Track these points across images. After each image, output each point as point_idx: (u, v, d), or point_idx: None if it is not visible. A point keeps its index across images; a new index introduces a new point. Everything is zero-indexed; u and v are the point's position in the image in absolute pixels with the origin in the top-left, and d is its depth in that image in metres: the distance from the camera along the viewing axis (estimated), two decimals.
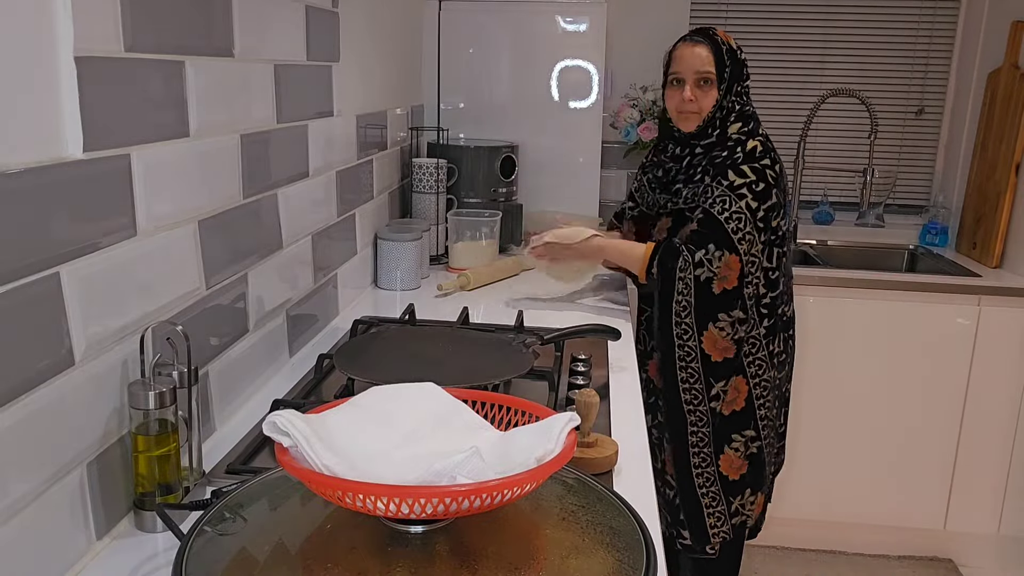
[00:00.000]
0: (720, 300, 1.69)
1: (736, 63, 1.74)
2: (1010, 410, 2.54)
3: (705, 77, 1.73)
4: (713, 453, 1.77)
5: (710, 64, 1.73)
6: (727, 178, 1.70)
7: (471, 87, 2.72)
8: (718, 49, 1.73)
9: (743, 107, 1.78)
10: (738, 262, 1.68)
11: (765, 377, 1.78)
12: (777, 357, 1.81)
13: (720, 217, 1.68)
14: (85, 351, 0.88)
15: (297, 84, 1.48)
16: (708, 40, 1.74)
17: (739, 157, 1.71)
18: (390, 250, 2.04)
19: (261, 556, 0.76)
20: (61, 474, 0.85)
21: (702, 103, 1.75)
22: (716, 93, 1.73)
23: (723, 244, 1.67)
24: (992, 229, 2.63)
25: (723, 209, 1.68)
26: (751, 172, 1.70)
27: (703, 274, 1.68)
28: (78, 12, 0.84)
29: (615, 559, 0.77)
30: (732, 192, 1.69)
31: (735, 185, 1.69)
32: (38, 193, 0.80)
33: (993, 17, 2.75)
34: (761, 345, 1.77)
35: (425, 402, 0.90)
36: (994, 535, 2.64)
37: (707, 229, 1.68)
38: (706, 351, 1.72)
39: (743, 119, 1.77)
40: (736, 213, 1.68)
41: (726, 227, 1.67)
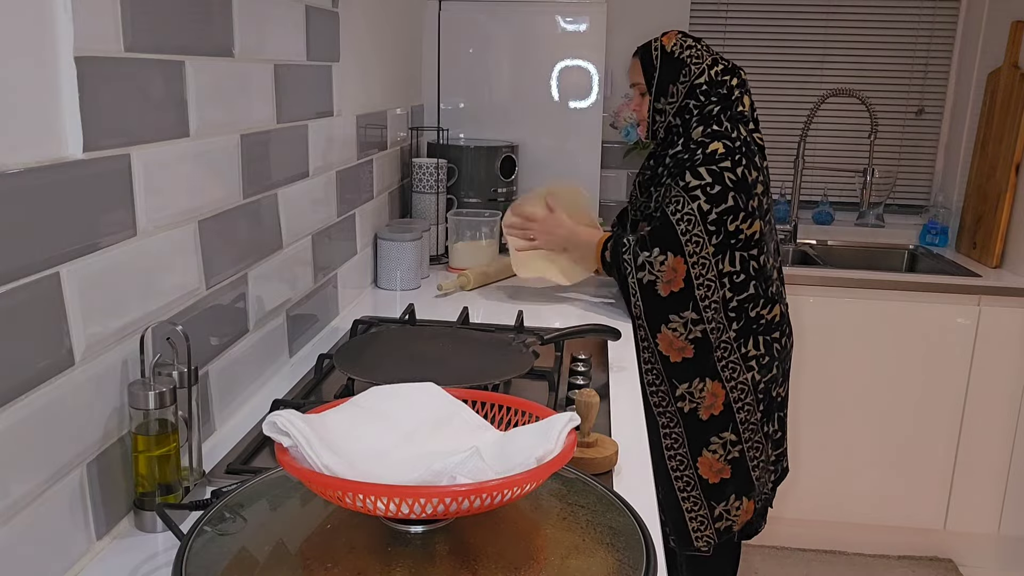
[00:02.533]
0: (669, 302, 1.72)
1: (669, 64, 1.77)
2: (1010, 410, 2.54)
3: (638, 89, 1.85)
4: (689, 455, 1.78)
5: (637, 74, 1.84)
6: (683, 179, 1.72)
7: (471, 87, 2.72)
8: (646, 55, 1.81)
9: (702, 108, 1.78)
10: (683, 263, 1.69)
11: (741, 380, 1.78)
12: (757, 360, 1.80)
13: (672, 218, 1.70)
14: (85, 351, 0.88)
15: (297, 84, 1.48)
16: (641, 50, 1.84)
17: (698, 159, 1.72)
18: (390, 250, 2.04)
19: (261, 556, 0.76)
20: (61, 474, 0.85)
21: (641, 111, 1.86)
22: (647, 99, 1.82)
23: (669, 246, 1.69)
24: (992, 229, 2.63)
25: (676, 210, 1.70)
26: (707, 174, 1.70)
27: (645, 277, 1.72)
28: (78, 12, 0.84)
29: (615, 559, 0.77)
30: (686, 193, 1.70)
31: (690, 186, 1.70)
32: (38, 193, 0.80)
33: (993, 17, 2.75)
34: (732, 348, 1.77)
35: (425, 402, 0.90)
36: (994, 535, 2.64)
37: (659, 230, 1.72)
38: (663, 352, 1.75)
39: (704, 121, 1.77)
40: (687, 215, 1.69)
41: (676, 228, 1.70)
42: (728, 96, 1.78)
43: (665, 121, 1.81)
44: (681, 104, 1.78)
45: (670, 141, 1.82)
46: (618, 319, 1.82)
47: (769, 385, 1.84)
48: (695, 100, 1.77)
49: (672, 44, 1.78)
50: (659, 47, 1.79)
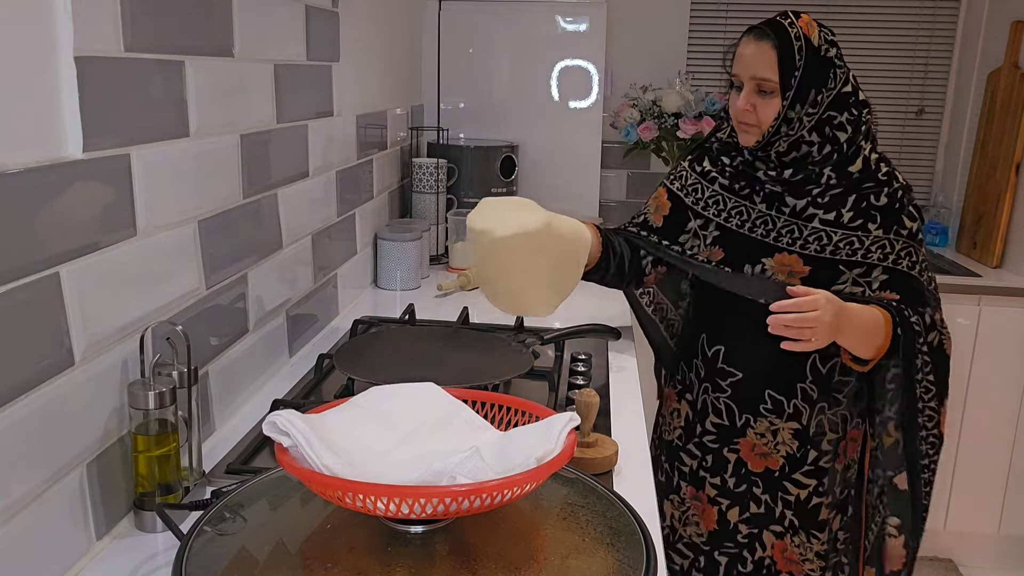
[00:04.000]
0: (949, 365, 1.42)
1: (817, 63, 1.33)
2: (1010, 410, 2.54)
3: (764, 84, 1.34)
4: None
5: (771, 68, 1.33)
6: (904, 225, 1.38)
7: (471, 87, 2.72)
8: (787, 47, 1.33)
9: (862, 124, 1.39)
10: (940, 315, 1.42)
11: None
12: None
13: (912, 272, 1.38)
14: (85, 351, 0.88)
15: (297, 84, 1.48)
16: (776, 35, 1.34)
17: (902, 196, 1.39)
18: (390, 250, 2.04)
19: (261, 556, 0.76)
20: (61, 474, 0.85)
21: (761, 114, 1.36)
22: (779, 103, 1.34)
23: (931, 302, 1.40)
24: (992, 229, 2.63)
25: (912, 263, 1.38)
26: (915, 211, 1.41)
27: (936, 338, 1.38)
28: (78, 12, 0.84)
29: (615, 559, 0.77)
30: (912, 240, 1.39)
31: (913, 231, 1.39)
32: (38, 193, 0.80)
33: (993, 17, 2.75)
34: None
35: (425, 402, 0.90)
36: (994, 535, 2.64)
37: (907, 291, 1.38)
38: (942, 431, 1.43)
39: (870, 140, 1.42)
40: (923, 263, 1.41)
41: (921, 280, 1.39)
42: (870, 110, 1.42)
43: (796, 135, 1.35)
44: (822, 116, 1.35)
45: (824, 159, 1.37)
46: (618, 319, 1.82)
47: None
48: (848, 114, 1.37)
49: (817, 37, 1.35)
50: (803, 38, 1.34)
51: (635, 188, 3.02)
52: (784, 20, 1.35)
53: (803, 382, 1.41)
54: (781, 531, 1.46)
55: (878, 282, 1.37)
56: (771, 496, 1.46)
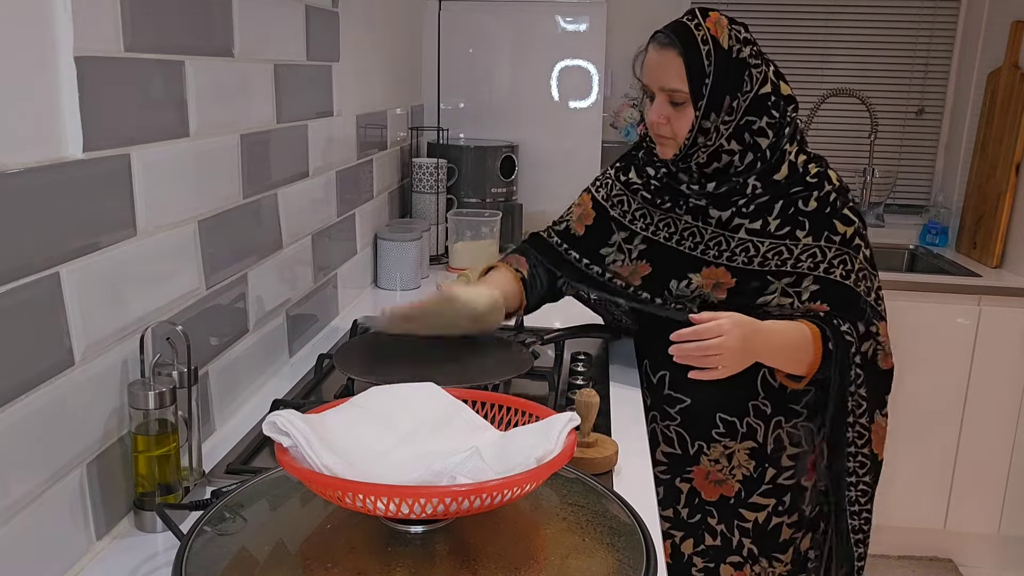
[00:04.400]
0: (886, 379, 1.34)
1: (729, 67, 1.24)
2: (1010, 410, 2.54)
3: (673, 97, 1.26)
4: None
5: (679, 78, 1.24)
6: (836, 231, 1.30)
7: (471, 87, 2.71)
8: (693, 53, 1.23)
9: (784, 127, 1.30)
10: (886, 327, 1.33)
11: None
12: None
13: (846, 282, 1.29)
14: (85, 351, 0.88)
15: (297, 84, 1.48)
16: (680, 42, 1.25)
17: (835, 199, 1.31)
18: (390, 250, 2.04)
19: (261, 556, 0.76)
20: (61, 474, 0.85)
21: (675, 126, 1.27)
22: (691, 114, 1.26)
23: (867, 312, 1.31)
24: (992, 229, 2.63)
25: (846, 271, 1.29)
26: (852, 214, 1.32)
27: (871, 348, 1.30)
28: (78, 12, 0.84)
29: (615, 559, 0.77)
30: (847, 247, 1.30)
31: (847, 237, 1.30)
32: (38, 193, 0.80)
33: (993, 17, 2.75)
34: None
35: (425, 402, 0.90)
36: (994, 535, 2.64)
37: (838, 302, 1.29)
38: (875, 451, 1.34)
39: (795, 142, 1.33)
40: (860, 271, 1.31)
41: (857, 290, 1.30)
42: (793, 108, 1.32)
43: (714, 145, 1.27)
44: (739, 122, 1.27)
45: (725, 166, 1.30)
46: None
47: None
48: (768, 117, 1.27)
49: (727, 37, 1.25)
50: (710, 41, 1.24)
51: None
52: (691, 21, 1.26)
53: (755, 399, 1.33)
54: (740, 561, 1.39)
55: (808, 292, 1.28)
56: (727, 526, 1.38)
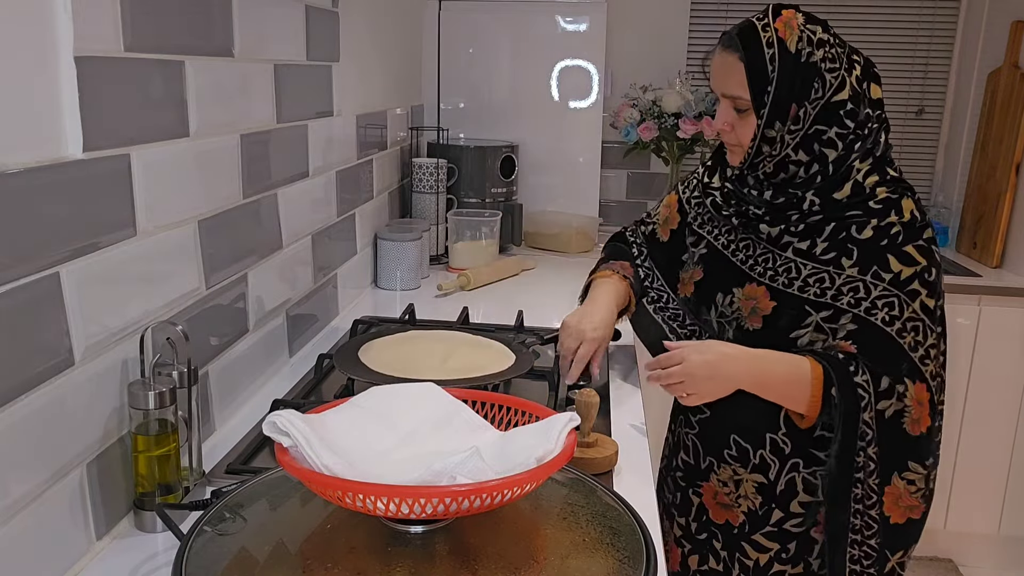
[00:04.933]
0: (912, 445, 1.17)
1: (795, 72, 1.14)
2: (1010, 410, 2.54)
3: (736, 104, 1.19)
4: None
5: (740, 85, 1.16)
6: (888, 268, 1.15)
7: (471, 87, 2.71)
8: (756, 58, 1.15)
9: (863, 141, 1.19)
10: (926, 391, 1.16)
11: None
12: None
13: (889, 329, 1.14)
14: (85, 351, 0.88)
15: (297, 84, 1.48)
16: (744, 45, 1.16)
17: (898, 232, 1.16)
18: (390, 250, 2.04)
19: (261, 556, 0.76)
20: (61, 474, 0.85)
21: (739, 134, 1.20)
22: (754, 122, 1.18)
23: (899, 369, 1.15)
24: (992, 229, 2.63)
25: (891, 317, 1.14)
26: (919, 254, 1.15)
27: (890, 408, 1.15)
28: (78, 12, 0.84)
29: (615, 559, 0.77)
30: (899, 289, 1.15)
31: (902, 279, 1.15)
32: (38, 193, 0.80)
33: (993, 17, 2.75)
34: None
35: (425, 402, 0.90)
36: (994, 535, 2.64)
37: (871, 347, 1.15)
38: (886, 513, 1.19)
39: (878, 169, 1.20)
40: (911, 320, 1.15)
41: (900, 342, 1.14)
42: (879, 117, 1.20)
43: (780, 154, 1.18)
44: (808, 132, 1.17)
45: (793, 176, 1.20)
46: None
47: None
48: (839, 127, 1.16)
49: (796, 39, 1.14)
50: (776, 43, 1.14)
51: (635, 188, 3.02)
52: (760, 21, 1.16)
53: (774, 432, 1.24)
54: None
55: (844, 331, 1.16)
56: (729, 555, 1.32)
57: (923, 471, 1.19)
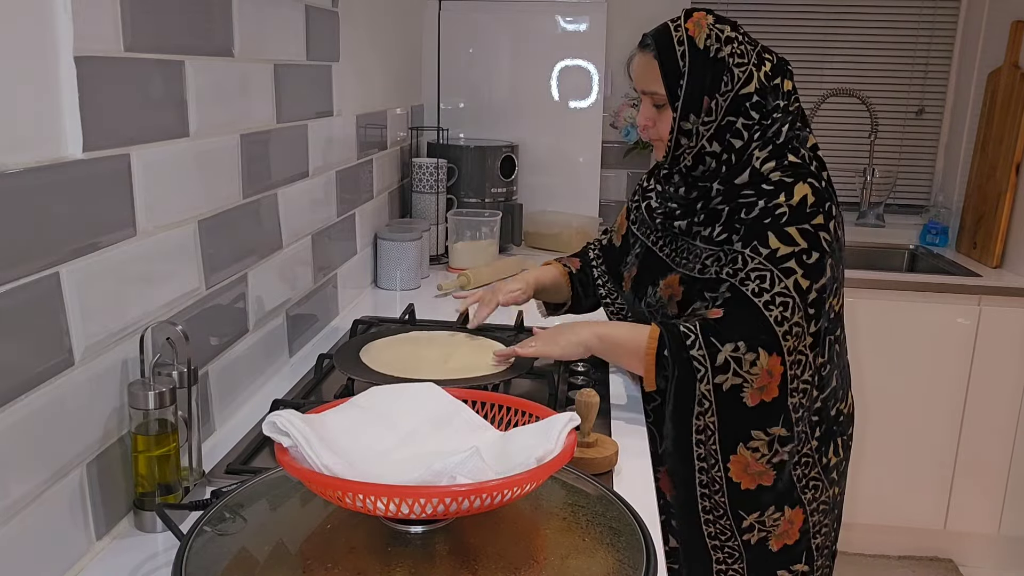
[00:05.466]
0: (754, 415, 1.23)
1: (705, 67, 1.24)
2: (1010, 410, 2.54)
3: (654, 100, 1.29)
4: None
5: (656, 81, 1.27)
6: (766, 244, 1.22)
7: (471, 87, 2.72)
8: (668, 55, 1.25)
9: (764, 130, 1.27)
10: (780, 365, 1.21)
11: (823, 499, 1.35)
12: (837, 469, 1.38)
13: (756, 300, 1.21)
14: (85, 351, 0.88)
15: (297, 84, 1.48)
16: (656, 44, 1.27)
17: (783, 212, 1.23)
18: (390, 250, 2.04)
19: (261, 556, 0.76)
20: (61, 474, 0.85)
21: (660, 128, 1.30)
22: (670, 116, 1.27)
23: (760, 340, 1.20)
24: (992, 229, 2.63)
25: (760, 289, 1.21)
26: (800, 236, 1.22)
27: (727, 381, 1.21)
28: (78, 12, 0.84)
29: (615, 559, 0.77)
30: (774, 265, 1.21)
31: (778, 255, 1.21)
32: (38, 193, 0.80)
33: (993, 17, 2.75)
34: (813, 462, 1.33)
35: (425, 402, 0.90)
36: (994, 535, 2.64)
37: (736, 315, 1.22)
38: (734, 479, 1.27)
39: (776, 154, 1.27)
40: (781, 296, 1.21)
41: (766, 314, 1.20)
42: (786, 108, 1.28)
43: (696, 147, 1.27)
44: (721, 123, 1.25)
45: (710, 169, 1.30)
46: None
47: (842, 494, 1.45)
48: (745, 118, 1.25)
49: (705, 37, 1.24)
50: (686, 41, 1.25)
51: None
52: (673, 23, 1.28)
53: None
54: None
55: (721, 298, 1.23)
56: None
57: (765, 438, 1.25)
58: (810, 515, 1.34)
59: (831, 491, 1.37)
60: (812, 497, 1.33)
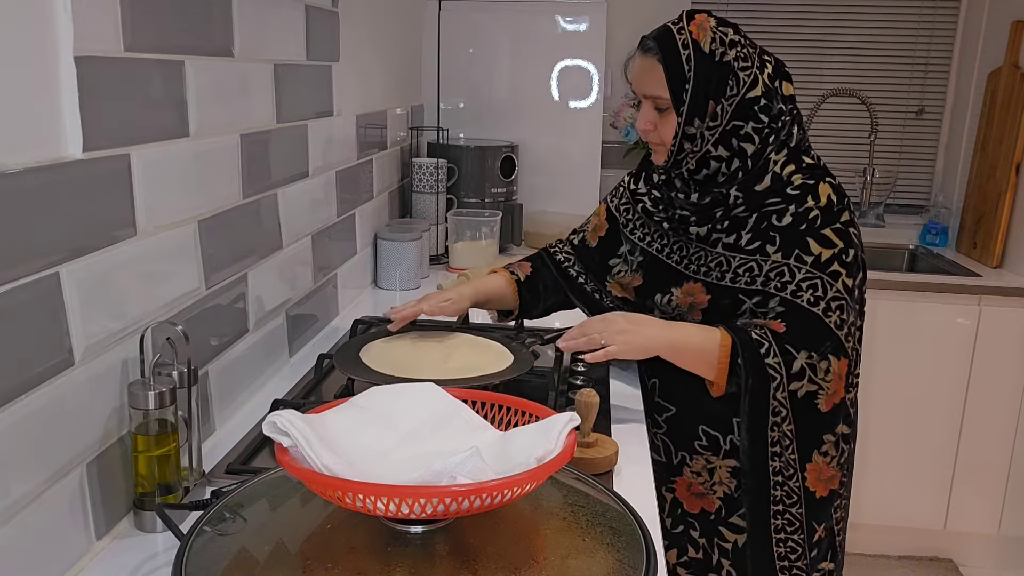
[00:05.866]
0: (826, 419, 1.24)
1: (710, 71, 1.22)
2: (1010, 410, 2.54)
3: (657, 104, 1.25)
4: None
5: (659, 84, 1.23)
6: (808, 251, 1.22)
7: (471, 87, 2.72)
8: (673, 58, 1.22)
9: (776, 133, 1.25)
10: (847, 366, 1.23)
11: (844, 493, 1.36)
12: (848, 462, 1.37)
13: (815, 309, 1.20)
14: (85, 351, 0.88)
15: (297, 84, 1.48)
16: (660, 47, 1.24)
17: (816, 216, 1.22)
18: (390, 250, 2.04)
19: (261, 556, 0.76)
20: (61, 474, 0.85)
21: (662, 132, 1.27)
22: (674, 120, 1.24)
23: (826, 347, 1.20)
24: (992, 229, 2.63)
25: (816, 298, 1.20)
26: (836, 237, 1.22)
27: (802, 389, 1.21)
28: (78, 12, 0.84)
29: (615, 559, 0.77)
30: (822, 271, 1.21)
31: (823, 260, 1.21)
32: (38, 193, 0.80)
33: (993, 17, 2.75)
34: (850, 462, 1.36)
35: (425, 402, 0.90)
36: (994, 535, 2.64)
37: (798, 326, 1.20)
38: (810, 488, 1.26)
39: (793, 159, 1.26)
40: (835, 300, 1.21)
41: (826, 321, 1.20)
42: (791, 111, 1.28)
43: (701, 151, 1.25)
44: (726, 128, 1.24)
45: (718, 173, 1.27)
46: None
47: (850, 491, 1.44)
48: (754, 122, 1.24)
49: (709, 40, 1.22)
50: (691, 45, 1.22)
51: None
52: (675, 25, 1.25)
53: (740, 416, 1.27)
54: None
55: (774, 313, 1.22)
56: (708, 541, 1.35)
57: (833, 439, 1.27)
58: (833, 512, 1.33)
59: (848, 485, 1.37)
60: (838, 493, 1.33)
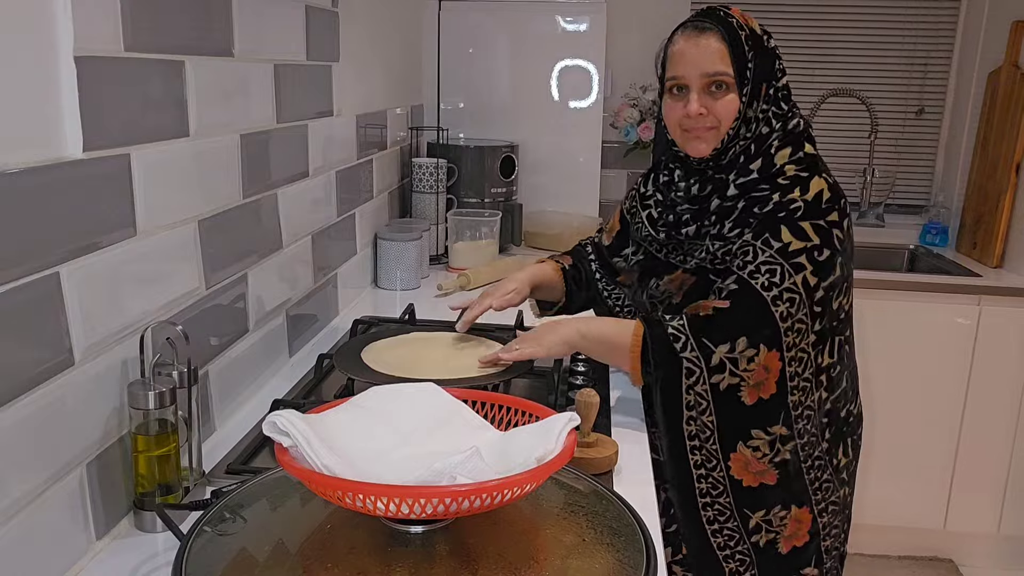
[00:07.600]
0: (753, 413, 1.21)
1: (763, 54, 1.22)
2: (1010, 410, 2.54)
3: (718, 81, 1.21)
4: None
5: (723, 61, 1.20)
6: (779, 238, 1.19)
7: (471, 87, 2.72)
8: (734, 36, 1.20)
9: (785, 120, 1.26)
10: (779, 361, 1.19)
11: (833, 500, 1.33)
12: (847, 470, 1.36)
13: (765, 295, 1.17)
14: (85, 351, 0.88)
15: (297, 84, 1.48)
16: (720, 25, 1.21)
17: (798, 207, 1.20)
18: (390, 250, 2.04)
19: (261, 556, 0.76)
20: (61, 474, 0.85)
21: (720, 113, 1.22)
22: (737, 100, 1.21)
23: (761, 334, 1.18)
24: (992, 229, 2.63)
25: (770, 283, 1.18)
26: (813, 232, 1.19)
27: (724, 381, 1.18)
28: (78, 12, 0.84)
29: (615, 559, 0.77)
30: (785, 260, 1.18)
31: (789, 250, 1.18)
32: (38, 193, 0.80)
33: (993, 17, 2.75)
34: (825, 464, 1.30)
35: (425, 402, 0.90)
36: (994, 535, 2.64)
37: (742, 307, 1.18)
38: (736, 477, 1.25)
39: (792, 141, 1.25)
40: (788, 292, 1.18)
41: (772, 309, 1.17)
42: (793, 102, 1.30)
43: (753, 135, 1.24)
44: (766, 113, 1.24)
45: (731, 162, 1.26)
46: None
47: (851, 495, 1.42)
48: (777, 108, 1.25)
49: (757, 27, 1.24)
50: (745, 28, 1.21)
51: None
52: (720, 10, 1.23)
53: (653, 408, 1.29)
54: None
55: (727, 290, 1.20)
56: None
57: (766, 437, 1.23)
58: (819, 516, 1.31)
59: (841, 492, 1.35)
60: (822, 498, 1.31)
